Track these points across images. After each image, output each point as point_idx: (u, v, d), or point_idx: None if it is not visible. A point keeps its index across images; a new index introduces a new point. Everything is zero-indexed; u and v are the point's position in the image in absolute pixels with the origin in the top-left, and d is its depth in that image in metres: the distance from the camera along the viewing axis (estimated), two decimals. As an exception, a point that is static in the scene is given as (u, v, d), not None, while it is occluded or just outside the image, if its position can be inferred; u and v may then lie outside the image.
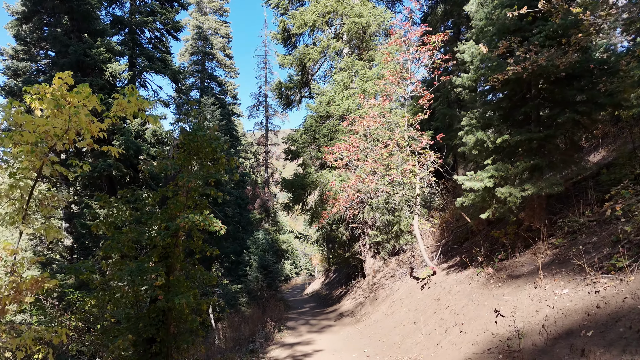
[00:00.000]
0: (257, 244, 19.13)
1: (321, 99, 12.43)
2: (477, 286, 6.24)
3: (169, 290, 7.07)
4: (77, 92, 4.68)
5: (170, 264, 7.43)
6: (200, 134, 7.24)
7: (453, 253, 9.17)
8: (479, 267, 6.83)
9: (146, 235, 7.04)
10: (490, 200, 6.06)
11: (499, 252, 6.73)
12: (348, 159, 9.32)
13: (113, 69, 15.30)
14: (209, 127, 7.72)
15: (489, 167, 6.02)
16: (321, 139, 12.47)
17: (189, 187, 7.40)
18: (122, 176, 16.32)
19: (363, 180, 8.81)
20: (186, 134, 7.34)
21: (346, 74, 12.15)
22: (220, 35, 29.18)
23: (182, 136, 7.40)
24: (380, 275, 13.09)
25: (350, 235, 14.09)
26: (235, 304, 17.63)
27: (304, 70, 13.88)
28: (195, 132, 7.27)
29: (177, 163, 7.38)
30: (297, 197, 12.61)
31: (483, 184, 5.73)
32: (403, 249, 13.43)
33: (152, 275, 6.59)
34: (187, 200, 7.50)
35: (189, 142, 7.35)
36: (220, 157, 7.71)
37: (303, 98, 15.91)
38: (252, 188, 23.55)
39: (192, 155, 7.60)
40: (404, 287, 9.60)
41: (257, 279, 17.60)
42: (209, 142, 7.49)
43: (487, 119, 6.16)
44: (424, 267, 9.92)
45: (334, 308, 14.45)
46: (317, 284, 28.12)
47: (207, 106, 21.49)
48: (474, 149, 6.28)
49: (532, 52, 5.31)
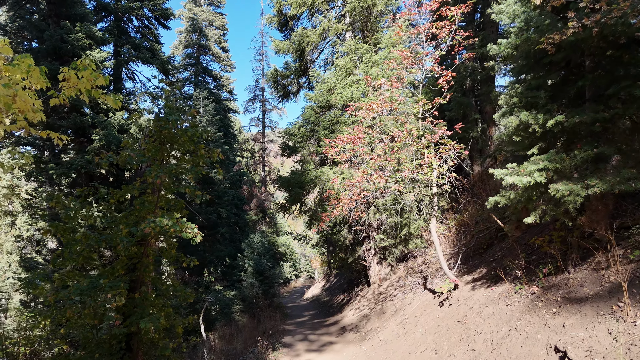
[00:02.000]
0: (253, 247, 17.79)
1: (321, 87, 11.10)
2: (520, 309, 4.91)
3: (134, 311, 5.75)
4: (15, 65, 3.54)
5: (137, 277, 6.11)
6: (173, 119, 5.92)
7: (476, 262, 7.84)
8: (516, 283, 5.50)
9: (104, 243, 5.71)
10: (538, 199, 4.73)
11: (543, 264, 5.40)
12: (352, 152, 7.99)
13: (93, 57, 13.96)
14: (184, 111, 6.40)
15: (535, 157, 4.69)
16: (321, 132, 11.14)
17: (159, 184, 6.07)
18: (105, 174, 15.01)
19: (370, 177, 7.48)
20: (156, 120, 6.02)
21: (349, 59, 10.82)
22: (215, 27, 27.85)
23: (152, 122, 6.08)
24: (387, 284, 11.76)
25: (354, 238, 12.77)
26: (229, 313, 16.30)
27: (302, 56, 12.53)
28: (167, 117, 5.94)
29: (145, 155, 6.06)
30: (295, 197, 11.28)
31: (531, 179, 4.39)
32: (413, 254, 12.10)
33: (109, 294, 5.27)
34: (157, 201, 6.18)
35: (160, 129, 6.03)
36: (199, 149, 6.38)
37: (301, 89, 14.59)
38: (249, 187, 22.22)
39: (164, 146, 6.28)
40: (418, 301, 8.26)
41: (252, 286, 16.26)
42: (184, 129, 6.16)
43: (532, 96, 4.82)
44: (440, 276, 8.60)
45: (336, 319, 13.12)
46: (317, 289, 26.80)
47: (200, 100, 20.17)
48: (515, 135, 4.94)
49: (603, 2, 3.97)
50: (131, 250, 5.92)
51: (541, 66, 4.93)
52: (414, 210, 10.96)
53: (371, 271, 12.27)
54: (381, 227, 11.63)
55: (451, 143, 6.73)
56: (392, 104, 7.00)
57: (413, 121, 7.66)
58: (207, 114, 19.80)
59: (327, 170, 10.91)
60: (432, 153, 7.21)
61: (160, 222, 5.26)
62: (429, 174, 7.20)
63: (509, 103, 5.01)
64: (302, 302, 23.87)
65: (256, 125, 25.21)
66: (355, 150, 8.11)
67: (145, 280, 6.29)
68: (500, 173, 4.80)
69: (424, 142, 7.36)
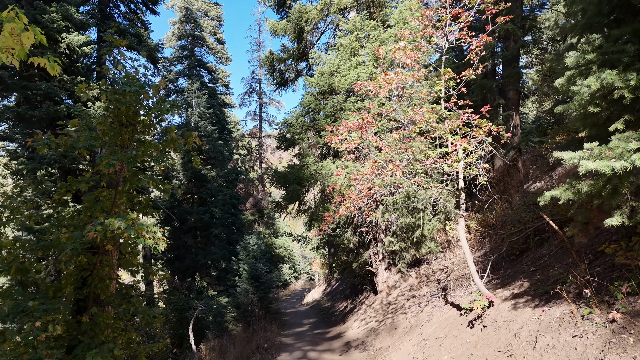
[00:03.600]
0: (248, 249, 16.43)
1: (322, 70, 9.77)
2: (598, 345, 3.58)
3: (80, 341, 4.43)
4: None
5: (87, 295, 4.79)
6: (132, 91, 4.59)
7: (510, 272, 6.51)
8: (582, 305, 4.17)
9: (41, 251, 4.39)
10: (625, 193, 3.40)
11: (619, 279, 4.07)
12: (360, 140, 6.64)
13: (70, 40, 12.63)
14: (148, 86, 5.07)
15: (621, 135, 3.36)
16: (322, 121, 9.81)
17: (117, 175, 4.76)
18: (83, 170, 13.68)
19: (381, 169, 6.14)
20: (111, 92, 4.69)
21: (354, 37, 9.49)
22: (210, 17, 26.52)
23: (105, 95, 4.75)
24: (397, 293, 10.43)
25: (359, 241, 11.45)
26: (222, 322, 14.97)
27: (300, 37, 11.21)
28: (125, 88, 4.61)
29: (97, 138, 4.74)
30: (292, 195, 9.95)
31: (627, 164, 3.05)
32: (426, 260, 10.78)
33: (40, 320, 3.94)
34: (116, 197, 4.86)
35: (116, 104, 4.70)
36: (170, 131, 5.06)
37: (300, 76, 13.25)
38: (245, 185, 20.89)
39: (125, 128, 4.96)
40: (438, 318, 6.93)
41: (247, 292, 14.92)
42: (152, 107, 4.83)
43: (617, 51, 3.48)
44: (465, 288, 7.26)
45: (339, 330, 11.79)
46: (318, 293, 25.44)
47: (192, 92, 18.85)
48: (591, 104, 3.60)
49: None
50: (80, 260, 4.61)
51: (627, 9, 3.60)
52: (428, 210, 9.64)
53: (378, 278, 10.94)
54: (390, 228, 10.31)
55: (486, 124, 5.39)
56: (413, 74, 5.66)
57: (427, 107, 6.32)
58: (200, 106, 18.48)
59: (329, 164, 9.59)
60: (458, 139, 5.88)
61: (109, 225, 3.93)
62: (455, 165, 5.87)
63: (581, 63, 3.67)
64: (302, 307, 22.53)
65: (252, 119, 23.85)
66: (363, 139, 6.78)
67: (100, 297, 4.97)
68: (572, 157, 3.46)
69: (448, 125, 6.03)
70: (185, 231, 18.73)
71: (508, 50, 9.35)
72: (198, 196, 18.20)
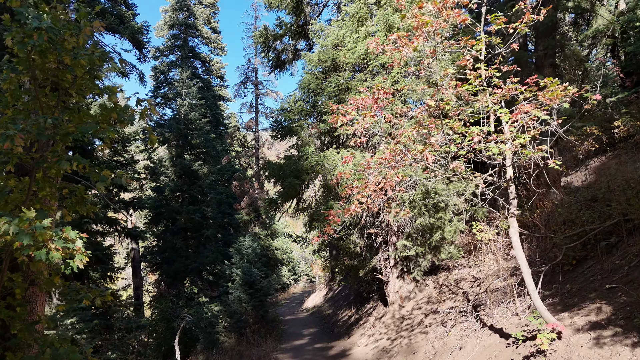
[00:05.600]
0: (242, 253, 14.93)
1: (324, 43, 8.28)
2: None
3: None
4: None
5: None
6: (46, 27, 3.10)
7: (570, 288, 5.02)
8: None
9: None
10: None
11: None
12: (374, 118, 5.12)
13: (38, 16, 11.13)
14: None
15: None
16: (325, 104, 8.32)
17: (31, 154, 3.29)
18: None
19: (403, 154, 4.64)
20: (17, 31, 3.20)
21: (362, 3, 8.00)
22: (204, 5, 24.99)
23: (10, 35, 3.26)
24: (412, 305, 8.94)
25: (366, 244, 9.96)
26: (213, 332, 13.47)
27: (299, 9, 9.72)
28: (36, 25, 3.12)
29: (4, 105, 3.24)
30: (289, 190, 8.45)
31: None
32: (445, 266, 9.30)
33: None
34: (30, 187, 3.37)
35: (25, 48, 3.21)
36: (111, 93, 3.57)
37: (298, 58, 11.77)
38: (240, 183, 19.41)
39: (43, 89, 3.47)
40: (474, 346, 5.43)
41: (240, 300, 13.42)
42: (71, 50, 3.35)
43: None
44: (506, 306, 5.76)
45: (343, 346, 10.29)
46: (319, 297, 23.95)
47: (182, 81, 17.36)
48: None
49: None
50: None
51: None
52: (449, 209, 8.15)
53: (389, 287, 9.45)
54: (404, 230, 8.82)
55: (558, 85, 3.89)
56: (458, 13, 4.16)
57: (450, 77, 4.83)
58: (190, 97, 16.99)
59: (332, 154, 8.09)
60: (505, 113, 4.39)
61: (-9, 229, 2.44)
62: (503, 147, 4.39)
63: None
64: (302, 313, 21.05)
65: (248, 111, 22.32)
66: (378, 118, 5.28)
67: (12, 331, 3.48)
68: None
69: (489, 100, 4.54)
70: (174, 232, 17.23)
71: (545, 19, 7.86)
72: (188, 194, 16.71)
